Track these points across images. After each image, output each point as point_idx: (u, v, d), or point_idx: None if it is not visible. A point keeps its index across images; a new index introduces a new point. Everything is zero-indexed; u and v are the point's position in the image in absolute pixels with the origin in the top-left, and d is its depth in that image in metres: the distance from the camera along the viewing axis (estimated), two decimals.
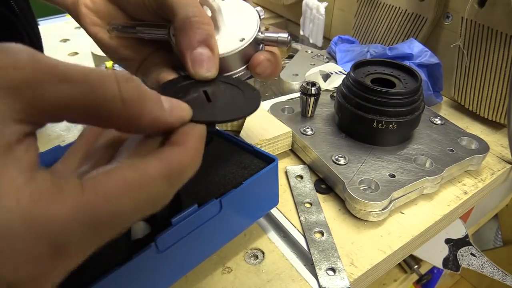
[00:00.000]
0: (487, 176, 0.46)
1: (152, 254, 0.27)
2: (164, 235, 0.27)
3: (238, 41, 0.29)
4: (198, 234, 0.29)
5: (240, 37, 0.29)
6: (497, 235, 1.08)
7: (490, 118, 0.53)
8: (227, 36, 0.30)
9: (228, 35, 0.30)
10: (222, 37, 0.30)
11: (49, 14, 0.82)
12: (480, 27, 0.50)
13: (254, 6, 0.32)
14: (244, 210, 0.33)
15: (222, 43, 0.29)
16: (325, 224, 0.38)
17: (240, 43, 0.29)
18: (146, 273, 0.27)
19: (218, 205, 0.30)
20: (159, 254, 0.27)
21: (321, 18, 0.70)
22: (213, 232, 0.31)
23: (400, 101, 0.42)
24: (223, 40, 0.29)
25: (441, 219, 0.40)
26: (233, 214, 0.32)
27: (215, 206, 0.30)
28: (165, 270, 0.28)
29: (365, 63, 0.48)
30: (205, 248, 0.31)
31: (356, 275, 0.34)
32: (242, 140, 0.37)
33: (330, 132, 0.47)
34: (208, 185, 0.33)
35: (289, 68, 0.63)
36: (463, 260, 0.69)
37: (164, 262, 0.28)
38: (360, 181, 0.40)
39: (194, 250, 0.30)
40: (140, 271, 0.27)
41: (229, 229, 0.33)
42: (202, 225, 0.29)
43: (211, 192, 0.32)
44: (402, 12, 0.59)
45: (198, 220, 0.29)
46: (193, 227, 0.29)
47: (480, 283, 1.18)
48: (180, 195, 0.33)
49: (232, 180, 0.33)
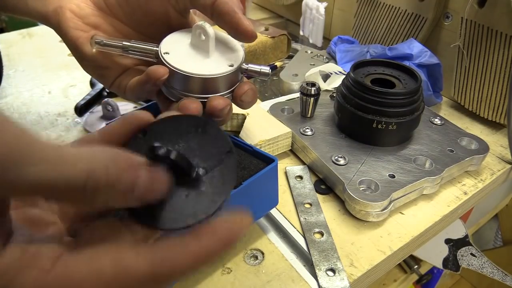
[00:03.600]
0: (487, 177, 0.46)
1: None
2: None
3: (227, 66, 0.32)
4: None
5: (229, 63, 0.32)
6: (497, 235, 1.08)
7: (490, 118, 0.53)
8: (217, 61, 0.33)
9: (218, 60, 0.33)
10: (212, 61, 0.33)
11: None
12: (480, 27, 0.50)
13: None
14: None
15: (212, 66, 0.32)
16: (325, 224, 0.38)
17: (229, 68, 0.32)
18: None
19: None
20: None
21: (321, 18, 0.70)
22: None
23: (400, 102, 0.42)
24: (214, 64, 0.32)
25: (441, 219, 0.40)
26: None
27: None
28: None
29: (365, 64, 0.48)
30: None
31: (356, 275, 0.34)
32: (241, 140, 0.37)
33: (329, 133, 0.47)
34: None
35: (288, 68, 0.63)
36: (463, 260, 0.69)
37: None
38: (360, 182, 0.40)
39: None
40: None
41: None
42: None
43: None
44: (402, 12, 0.59)
45: None
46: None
47: (480, 283, 1.18)
48: None
49: None
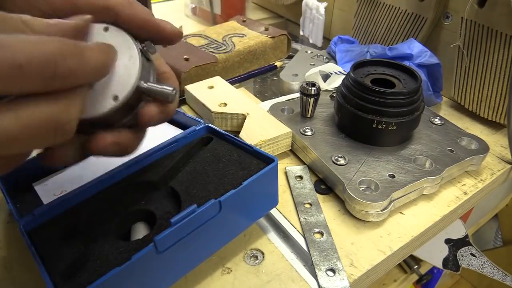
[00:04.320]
0: (487, 177, 0.46)
1: (151, 254, 0.27)
2: (163, 235, 0.27)
3: (111, 100, 0.24)
4: (197, 235, 0.29)
5: (113, 94, 0.24)
6: (497, 235, 1.08)
7: (490, 118, 0.53)
8: (99, 92, 0.24)
9: (100, 90, 0.24)
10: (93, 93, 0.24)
11: None
12: (480, 27, 0.50)
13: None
14: (244, 211, 0.33)
15: (92, 102, 0.24)
16: (325, 224, 0.38)
17: (112, 103, 0.24)
18: (145, 273, 0.27)
19: (217, 206, 0.30)
20: (159, 254, 0.27)
21: (321, 18, 0.70)
22: (212, 232, 0.31)
23: (399, 102, 0.42)
24: (93, 98, 0.24)
25: (441, 219, 0.40)
26: (233, 214, 0.32)
27: (215, 206, 0.29)
28: (165, 270, 0.28)
29: (365, 64, 0.48)
30: (205, 249, 0.31)
31: (356, 275, 0.34)
32: (241, 140, 0.37)
33: (329, 133, 0.47)
34: (207, 186, 0.33)
35: (288, 68, 0.63)
36: (463, 260, 0.69)
37: (164, 263, 0.28)
38: (360, 182, 0.40)
39: (193, 250, 0.30)
40: (139, 272, 0.27)
41: (229, 230, 0.33)
42: (202, 226, 0.29)
43: (210, 193, 0.32)
44: (402, 12, 0.59)
45: (197, 221, 0.29)
46: (193, 227, 0.29)
47: (480, 283, 1.18)
48: (179, 195, 0.33)
49: (231, 181, 0.33)
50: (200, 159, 0.37)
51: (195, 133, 0.39)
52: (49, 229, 0.31)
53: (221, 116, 0.49)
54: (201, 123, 0.40)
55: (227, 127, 0.50)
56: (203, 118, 0.52)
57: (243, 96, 0.52)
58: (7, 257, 0.35)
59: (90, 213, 0.32)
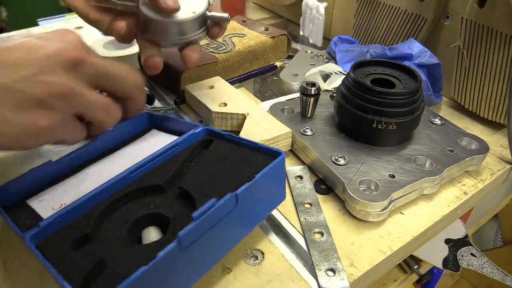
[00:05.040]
0: (487, 177, 0.46)
1: (176, 251, 0.26)
2: (186, 230, 0.26)
3: (191, 13, 0.42)
4: (218, 229, 0.29)
5: (192, 10, 0.42)
6: (497, 235, 1.08)
7: (490, 118, 0.53)
8: (182, 9, 0.42)
9: (183, 8, 0.42)
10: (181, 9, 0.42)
11: (49, 14, 0.81)
12: (480, 27, 0.50)
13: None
14: (257, 204, 0.33)
15: (180, 13, 0.42)
16: (325, 224, 0.38)
17: (193, 14, 0.42)
18: (170, 271, 0.27)
19: (234, 199, 0.30)
20: (182, 251, 0.27)
21: (321, 18, 0.70)
22: (231, 226, 0.31)
23: (399, 102, 0.42)
24: (181, 12, 0.42)
25: (441, 219, 0.40)
26: (248, 208, 0.32)
27: (232, 200, 0.30)
28: (189, 267, 0.28)
29: (365, 64, 0.48)
30: (226, 242, 0.32)
31: (356, 275, 0.34)
32: (244, 138, 0.37)
33: (329, 133, 0.47)
34: (218, 184, 0.33)
35: (288, 68, 0.63)
36: (463, 260, 0.69)
37: (188, 259, 0.28)
38: (360, 182, 0.40)
39: (214, 245, 0.30)
40: (165, 270, 0.26)
41: (246, 223, 0.33)
42: (221, 220, 0.29)
43: (223, 189, 0.32)
44: (402, 12, 0.59)
45: (217, 215, 0.29)
46: (213, 222, 0.29)
47: (480, 283, 1.18)
48: (191, 196, 0.33)
49: (241, 177, 0.33)
50: (204, 161, 0.37)
51: (194, 136, 0.40)
52: (58, 240, 0.30)
53: (221, 116, 0.49)
54: (199, 126, 0.40)
55: (227, 127, 0.50)
56: (202, 119, 0.52)
57: (243, 96, 0.52)
58: (7, 257, 0.35)
59: (99, 221, 0.32)
